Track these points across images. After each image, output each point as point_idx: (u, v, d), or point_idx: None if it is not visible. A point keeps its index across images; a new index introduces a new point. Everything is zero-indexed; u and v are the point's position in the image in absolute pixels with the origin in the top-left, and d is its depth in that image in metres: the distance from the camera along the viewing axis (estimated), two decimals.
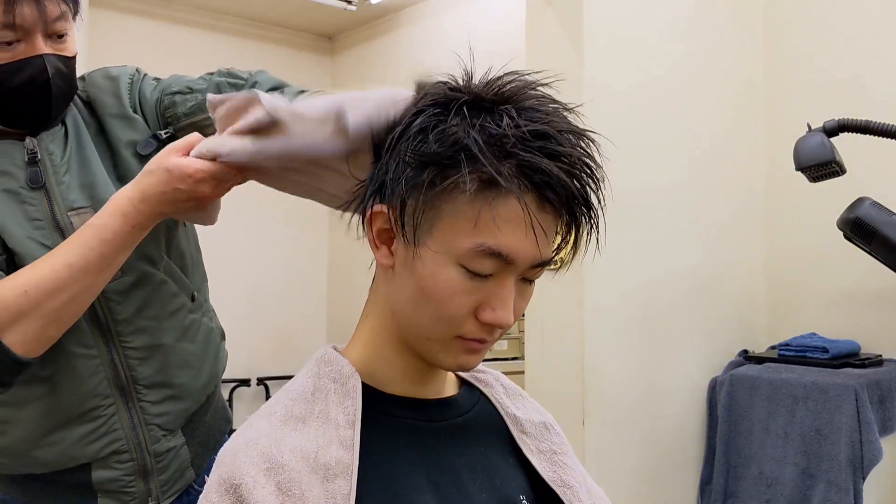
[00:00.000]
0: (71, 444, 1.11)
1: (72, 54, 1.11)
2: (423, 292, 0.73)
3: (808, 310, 2.67)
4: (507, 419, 0.86)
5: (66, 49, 1.11)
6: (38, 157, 1.10)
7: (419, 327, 0.75)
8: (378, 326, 0.80)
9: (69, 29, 1.10)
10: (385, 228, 0.76)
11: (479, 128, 0.70)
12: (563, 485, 0.83)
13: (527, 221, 0.70)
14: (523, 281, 0.76)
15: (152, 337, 1.15)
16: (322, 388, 0.78)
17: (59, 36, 1.09)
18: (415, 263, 0.73)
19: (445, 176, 0.70)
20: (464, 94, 0.73)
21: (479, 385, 0.88)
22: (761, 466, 2.37)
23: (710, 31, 2.67)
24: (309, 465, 0.71)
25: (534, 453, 0.84)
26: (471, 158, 0.69)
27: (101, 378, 1.11)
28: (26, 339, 1.00)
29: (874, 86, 2.49)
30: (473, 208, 0.70)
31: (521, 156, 0.69)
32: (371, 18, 4.63)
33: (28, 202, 1.08)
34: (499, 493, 0.79)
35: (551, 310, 2.41)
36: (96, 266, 1.00)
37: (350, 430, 0.74)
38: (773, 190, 2.77)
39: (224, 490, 0.70)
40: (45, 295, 0.99)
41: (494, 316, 0.73)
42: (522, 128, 0.70)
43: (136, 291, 1.13)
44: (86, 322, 1.09)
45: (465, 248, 0.71)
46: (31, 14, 1.04)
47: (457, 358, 0.76)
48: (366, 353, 0.81)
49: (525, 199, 0.70)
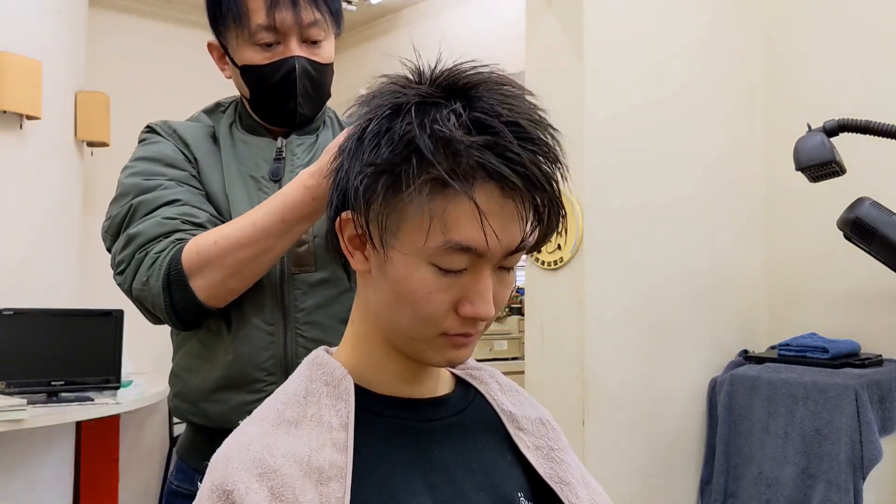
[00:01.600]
0: (231, 408, 1.17)
1: (324, 61, 1.23)
2: (400, 295, 0.73)
3: (808, 310, 2.66)
4: (502, 416, 0.85)
5: (318, 55, 1.22)
6: (283, 155, 1.24)
7: (401, 329, 0.75)
8: (364, 331, 0.80)
9: (325, 38, 1.22)
10: (355, 235, 0.76)
11: (429, 127, 0.69)
12: (560, 481, 0.82)
13: (487, 214, 0.69)
14: (501, 270, 0.75)
15: (323, 334, 1.20)
16: (314, 391, 0.77)
17: (313, 42, 1.21)
18: (387, 267, 0.73)
19: (402, 179, 0.70)
20: (413, 93, 0.72)
21: (475, 382, 0.88)
22: (761, 466, 2.37)
23: (710, 31, 2.67)
24: (302, 468, 0.71)
25: (530, 450, 0.84)
26: (423, 159, 0.69)
27: (271, 355, 1.18)
28: (210, 286, 1.11)
29: (874, 86, 2.49)
30: (435, 207, 0.69)
31: (472, 150, 0.68)
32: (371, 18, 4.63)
33: (264, 191, 1.21)
34: (496, 491, 0.78)
35: (551, 310, 2.41)
36: (277, 229, 1.09)
37: (343, 432, 0.74)
38: (773, 190, 2.77)
39: (217, 496, 0.69)
40: (230, 247, 1.10)
41: (474, 310, 0.72)
42: (468, 121, 0.69)
43: (322, 288, 1.20)
44: (271, 302, 1.18)
45: (432, 248, 0.70)
46: (289, 18, 1.17)
47: (444, 354, 0.76)
48: (356, 357, 0.81)
49: (485, 190, 0.69)
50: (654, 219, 2.48)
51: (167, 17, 4.25)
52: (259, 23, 1.17)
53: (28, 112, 3.09)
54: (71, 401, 2.98)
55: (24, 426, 2.65)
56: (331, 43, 1.25)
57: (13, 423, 2.61)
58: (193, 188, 1.21)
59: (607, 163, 2.37)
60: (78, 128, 3.45)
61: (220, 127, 1.27)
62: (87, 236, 3.66)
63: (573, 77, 2.31)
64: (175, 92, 4.11)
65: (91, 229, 3.81)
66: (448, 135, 0.68)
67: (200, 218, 1.17)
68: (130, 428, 4.00)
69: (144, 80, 4.05)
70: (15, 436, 2.91)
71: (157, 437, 4.15)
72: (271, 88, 1.21)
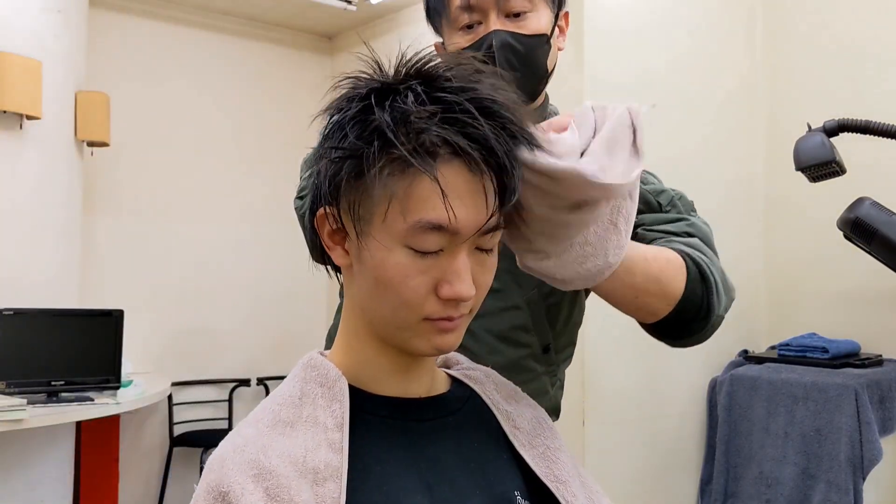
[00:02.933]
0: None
1: (530, 32, 1.13)
2: (379, 282, 0.73)
3: (808, 310, 2.66)
4: (498, 415, 0.85)
5: (523, 27, 1.13)
6: None
7: (385, 318, 0.75)
8: (354, 328, 0.80)
9: (532, 10, 1.13)
10: (334, 229, 0.76)
11: (390, 109, 0.70)
12: (556, 480, 0.82)
13: (453, 190, 0.69)
14: (479, 251, 0.75)
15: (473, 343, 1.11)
16: (309, 392, 0.77)
17: (516, 15, 1.12)
18: (364, 256, 0.74)
19: (365, 162, 0.70)
20: (373, 81, 0.73)
21: (470, 382, 0.87)
22: (761, 466, 2.37)
23: (710, 30, 2.67)
24: (297, 469, 0.71)
25: (527, 449, 0.84)
26: (386, 141, 0.69)
27: None
28: None
29: (874, 86, 2.49)
30: (402, 188, 0.70)
31: (432, 126, 0.69)
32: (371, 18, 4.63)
33: None
34: (493, 490, 0.78)
35: None
36: None
37: (338, 432, 0.74)
38: (773, 190, 2.77)
39: (212, 498, 0.69)
40: None
41: (453, 290, 0.72)
42: (427, 100, 0.70)
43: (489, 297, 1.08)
44: None
45: (404, 229, 0.70)
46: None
47: (430, 341, 0.75)
48: (348, 357, 0.81)
49: (451, 167, 0.69)
50: None
51: (167, 17, 4.26)
52: (456, 5, 1.13)
53: (28, 112, 3.09)
54: (71, 401, 2.98)
55: (24, 426, 2.65)
56: (542, 15, 1.15)
57: (13, 423, 2.61)
58: None
59: None
60: (78, 128, 3.45)
61: None
62: (87, 236, 3.66)
63: (573, 75, 2.31)
64: (175, 92, 4.11)
65: (91, 229, 3.82)
66: (408, 112, 0.69)
67: None
68: (130, 428, 4.00)
69: (144, 80, 4.05)
70: (15, 436, 2.91)
71: (157, 437, 4.15)
72: None
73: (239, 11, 4.44)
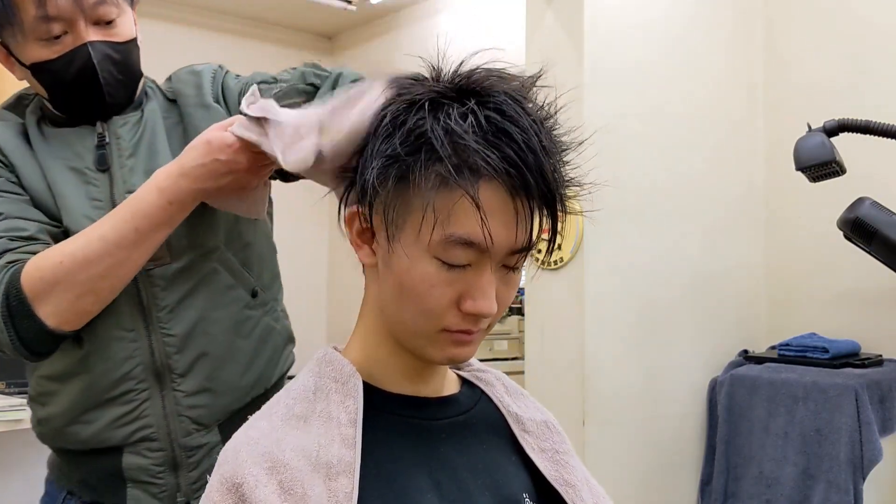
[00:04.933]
0: (103, 426, 1.09)
1: (123, 39, 1.09)
2: (403, 287, 0.74)
3: (808, 310, 2.66)
4: (508, 418, 0.86)
5: (116, 34, 1.08)
6: (106, 141, 1.10)
7: (404, 323, 0.76)
8: (371, 326, 0.81)
9: (119, 15, 1.08)
10: (364, 228, 0.77)
11: (442, 122, 0.70)
12: (565, 484, 0.83)
13: (490, 211, 0.70)
14: (505, 269, 0.76)
15: (194, 326, 1.11)
16: (323, 387, 0.78)
17: (106, 22, 1.07)
18: (392, 260, 0.74)
19: (411, 171, 0.71)
20: (428, 89, 0.73)
21: (480, 384, 0.88)
22: (761, 466, 2.37)
23: (710, 30, 2.67)
24: (311, 463, 0.71)
25: (536, 452, 0.84)
26: (433, 152, 0.70)
27: (138, 363, 1.09)
28: (60, 310, 0.99)
29: (874, 86, 2.49)
30: (440, 200, 0.70)
31: (480, 148, 0.69)
32: (371, 18, 4.63)
33: (92, 183, 1.08)
34: (501, 491, 0.79)
35: (551, 310, 2.41)
36: (130, 240, 0.98)
37: (352, 428, 0.74)
38: (773, 190, 2.77)
39: (226, 490, 0.70)
40: (78, 266, 0.98)
41: (475, 306, 0.73)
42: (482, 119, 0.70)
43: (183, 278, 1.10)
44: (127, 305, 1.07)
45: (436, 240, 0.71)
46: (66, 3, 1.02)
47: (445, 351, 0.76)
48: (363, 354, 0.81)
49: (490, 187, 0.70)
50: (654, 220, 2.48)
51: (167, 17, 4.26)
52: (33, 14, 1.01)
53: None
54: None
55: (24, 426, 2.65)
56: (127, 17, 1.11)
57: (13, 423, 2.61)
58: (14, 195, 1.06)
59: (607, 163, 2.37)
60: None
61: (29, 123, 1.12)
62: None
63: (573, 76, 2.31)
64: None
65: None
66: (459, 131, 0.69)
67: (29, 229, 1.03)
68: None
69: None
70: (15, 436, 2.91)
71: None
72: (70, 84, 1.07)
73: (239, 11, 4.43)
